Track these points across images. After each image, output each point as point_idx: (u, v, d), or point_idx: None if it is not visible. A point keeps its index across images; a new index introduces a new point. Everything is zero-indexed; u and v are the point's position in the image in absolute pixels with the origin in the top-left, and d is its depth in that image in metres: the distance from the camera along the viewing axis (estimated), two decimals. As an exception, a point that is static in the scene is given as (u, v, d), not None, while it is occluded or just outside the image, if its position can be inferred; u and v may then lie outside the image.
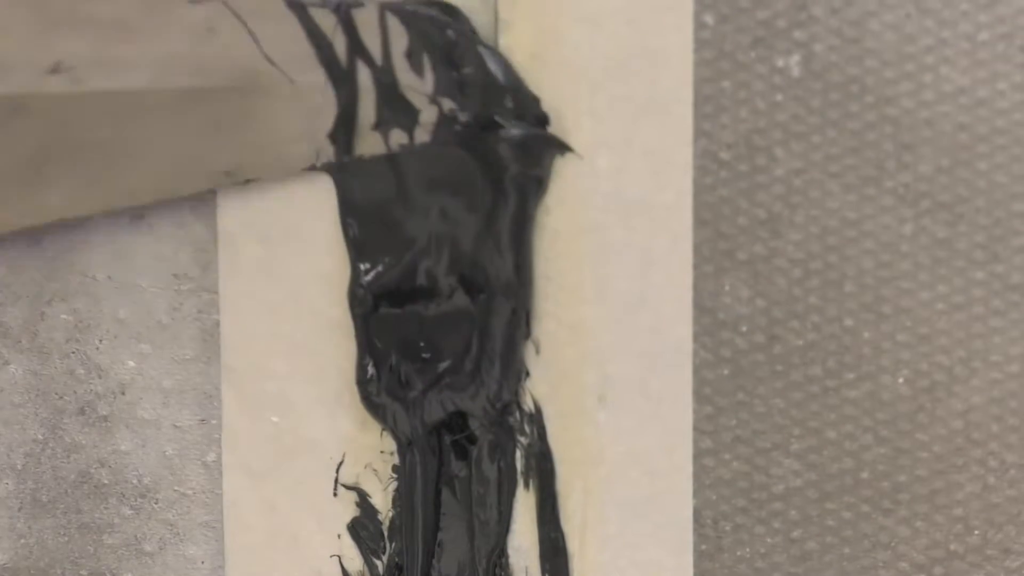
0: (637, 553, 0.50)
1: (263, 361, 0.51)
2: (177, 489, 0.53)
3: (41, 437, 0.53)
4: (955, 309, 0.48)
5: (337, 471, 0.51)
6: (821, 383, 0.49)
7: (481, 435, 0.50)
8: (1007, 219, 0.48)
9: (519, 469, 0.50)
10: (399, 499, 0.51)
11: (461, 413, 0.50)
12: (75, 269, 0.52)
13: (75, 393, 0.52)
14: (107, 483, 0.53)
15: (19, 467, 0.53)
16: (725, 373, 0.49)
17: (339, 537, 0.52)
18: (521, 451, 0.50)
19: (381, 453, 0.51)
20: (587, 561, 0.50)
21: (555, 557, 0.50)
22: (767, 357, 0.49)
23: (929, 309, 0.48)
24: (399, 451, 0.51)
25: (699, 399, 0.49)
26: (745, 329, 0.49)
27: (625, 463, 0.49)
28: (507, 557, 0.51)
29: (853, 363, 0.49)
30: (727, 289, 0.49)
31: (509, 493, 0.50)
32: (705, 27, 0.48)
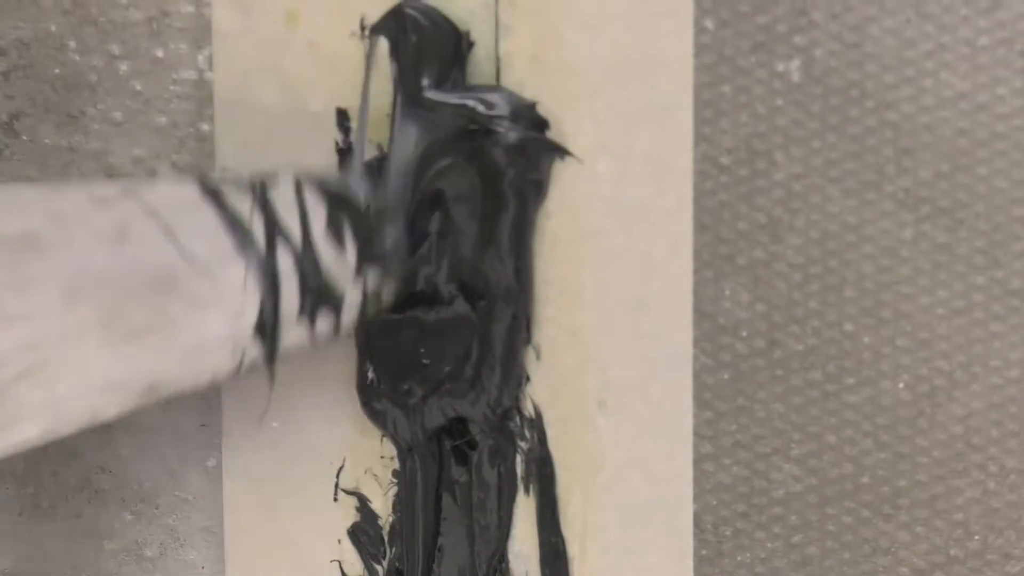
0: (637, 558, 0.50)
1: (263, 366, 0.51)
2: (178, 494, 0.53)
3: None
4: (955, 314, 0.48)
5: (337, 476, 0.51)
6: (821, 388, 0.49)
7: (481, 440, 0.50)
8: (1007, 224, 0.48)
9: (519, 474, 0.50)
10: (399, 504, 0.51)
11: (461, 418, 0.50)
12: (75, 274, 0.52)
13: (75, 398, 0.52)
14: (107, 488, 0.53)
15: (20, 472, 0.53)
16: (725, 378, 0.49)
17: (339, 542, 0.52)
18: (521, 456, 0.50)
19: (381, 458, 0.51)
20: (587, 566, 0.50)
21: (555, 562, 0.50)
22: (767, 362, 0.49)
23: (929, 314, 0.48)
24: (399, 456, 0.51)
25: (699, 404, 0.49)
26: (745, 334, 0.49)
27: (625, 468, 0.49)
28: (507, 562, 0.51)
29: (853, 368, 0.49)
30: (727, 294, 0.49)
31: (509, 498, 0.50)
32: (705, 32, 0.48)
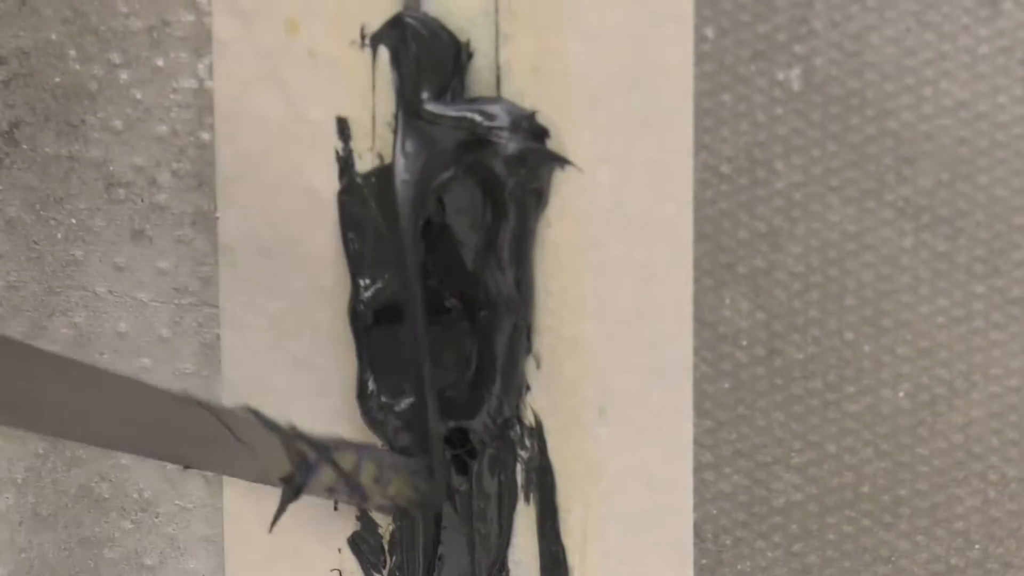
0: (637, 567, 0.50)
1: (264, 375, 0.51)
2: (178, 503, 0.53)
3: (41, 451, 0.53)
4: (955, 323, 0.48)
5: (338, 485, 0.51)
6: (821, 396, 0.49)
7: (481, 449, 0.50)
8: (1007, 232, 0.48)
9: (519, 483, 0.50)
10: (399, 513, 0.51)
11: (462, 428, 0.50)
12: (76, 283, 0.52)
13: (76, 407, 0.52)
14: (108, 497, 0.53)
15: (19, 481, 0.53)
16: (725, 387, 0.49)
17: (339, 551, 0.52)
18: (521, 465, 0.50)
19: (382, 467, 0.51)
20: (588, 575, 0.50)
21: (556, 571, 0.50)
22: (767, 371, 0.49)
23: (929, 322, 0.48)
24: (400, 465, 0.51)
25: (699, 413, 0.49)
26: (745, 343, 0.49)
27: (625, 477, 0.49)
28: (507, 571, 0.51)
29: (853, 376, 0.49)
30: (727, 302, 0.49)
31: (509, 507, 0.50)
32: (706, 40, 0.48)
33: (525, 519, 0.51)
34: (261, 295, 0.50)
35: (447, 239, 0.49)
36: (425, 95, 0.48)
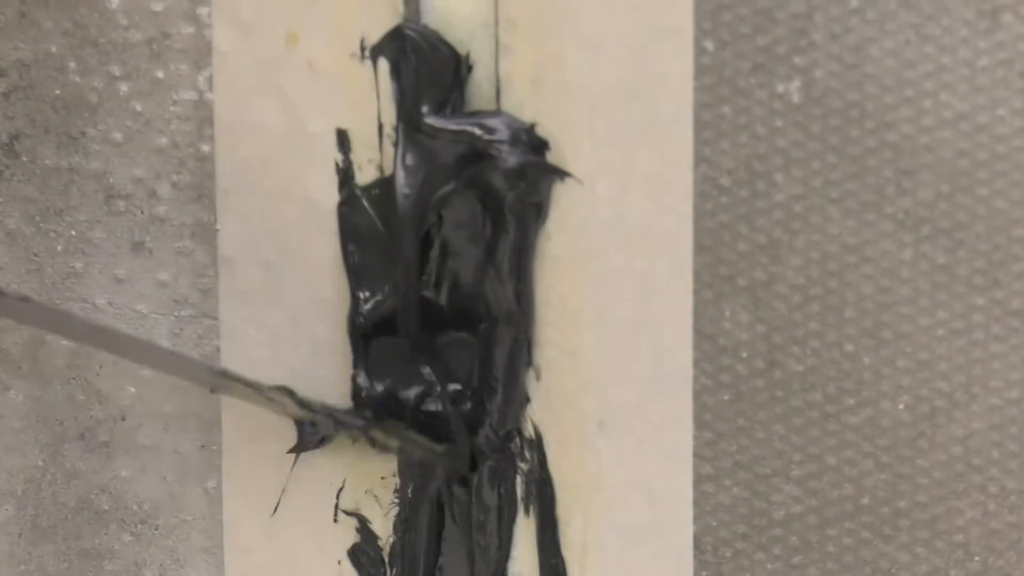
0: (637, 579, 0.50)
1: (263, 387, 0.51)
2: (178, 515, 0.53)
3: (41, 463, 0.53)
4: (955, 335, 0.48)
5: (337, 497, 0.51)
6: (821, 409, 0.49)
7: (481, 461, 0.50)
8: (1007, 245, 0.48)
9: (519, 495, 0.50)
10: (399, 525, 0.51)
11: (462, 440, 0.50)
12: (75, 295, 0.52)
13: (75, 419, 0.52)
14: (107, 509, 0.53)
15: (19, 493, 0.53)
16: (725, 399, 0.49)
17: (339, 563, 0.52)
18: (521, 477, 0.50)
19: (382, 479, 0.51)
20: (587, 587, 0.50)
21: (555, 583, 0.50)
22: (767, 383, 0.49)
23: (929, 335, 0.48)
24: (399, 477, 0.51)
25: (699, 425, 0.49)
26: (745, 355, 0.49)
27: (625, 489, 0.49)
28: (507, 583, 0.51)
29: (853, 389, 0.49)
30: (727, 315, 0.49)
31: (509, 519, 0.50)
32: (705, 53, 0.48)
33: (525, 531, 0.50)
34: (261, 307, 0.50)
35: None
36: (425, 108, 0.48)
